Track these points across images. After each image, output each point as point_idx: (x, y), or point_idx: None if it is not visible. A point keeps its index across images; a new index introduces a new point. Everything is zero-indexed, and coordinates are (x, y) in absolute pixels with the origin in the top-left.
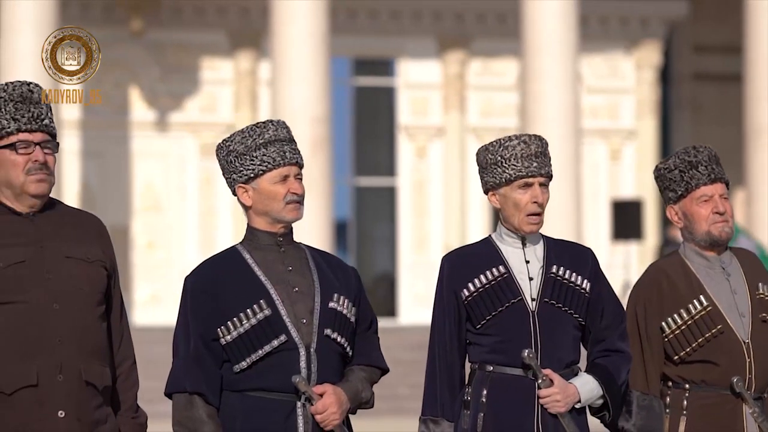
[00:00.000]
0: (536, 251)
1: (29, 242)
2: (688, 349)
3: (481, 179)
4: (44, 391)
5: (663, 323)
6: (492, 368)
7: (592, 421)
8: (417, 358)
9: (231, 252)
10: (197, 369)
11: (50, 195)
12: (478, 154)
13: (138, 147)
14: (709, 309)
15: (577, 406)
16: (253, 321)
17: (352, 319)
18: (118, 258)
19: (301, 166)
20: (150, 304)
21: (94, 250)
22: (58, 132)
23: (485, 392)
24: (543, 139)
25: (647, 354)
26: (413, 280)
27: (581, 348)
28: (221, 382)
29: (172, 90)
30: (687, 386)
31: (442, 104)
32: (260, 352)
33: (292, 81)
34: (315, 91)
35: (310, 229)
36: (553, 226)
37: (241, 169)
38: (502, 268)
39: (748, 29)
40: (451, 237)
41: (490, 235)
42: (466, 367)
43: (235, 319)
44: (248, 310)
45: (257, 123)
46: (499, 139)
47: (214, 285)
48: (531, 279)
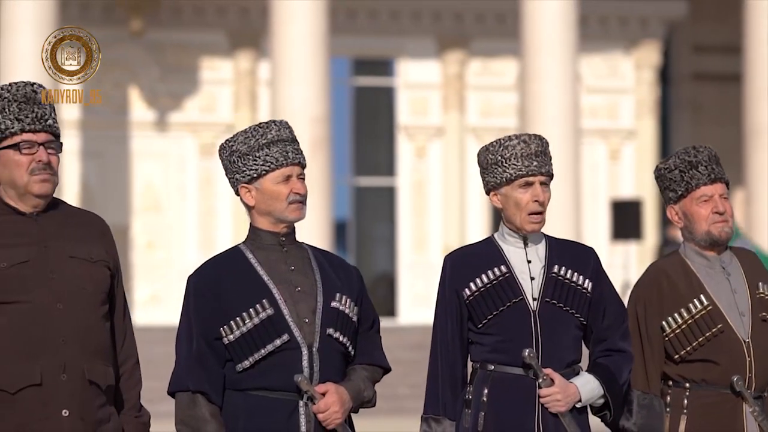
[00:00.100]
0: (538, 251)
1: (33, 242)
2: (689, 348)
3: (483, 179)
4: (48, 391)
5: (663, 322)
6: (493, 367)
7: (593, 421)
8: (417, 357)
9: (234, 252)
10: (200, 368)
11: (53, 195)
12: (478, 154)
13: (138, 147)
14: (709, 308)
15: (578, 405)
16: (256, 320)
17: (355, 319)
18: None
19: (303, 166)
20: (150, 304)
21: (98, 250)
22: None
23: (486, 391)
24: (543, 138)
25: (648, 353)
26: (413, 280)
27: (582, 347)
28: (224, 381)
29: (171, 90)
30: (687, 385)
31: (442, 104)
32: (263, 351)
33: (292, 81)
34: (314, 91)
35: (309, 229)
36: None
37: (244, 169)
38: (503, 267)
39: (748, 29)
40: (451, 237)
41: (492, 235)
42: (468, 366)
43: (237, 318)
44: (251, 309)
45: (260, 123)
46: (500, 139)
47: (216, 284)
48: (532, 279)
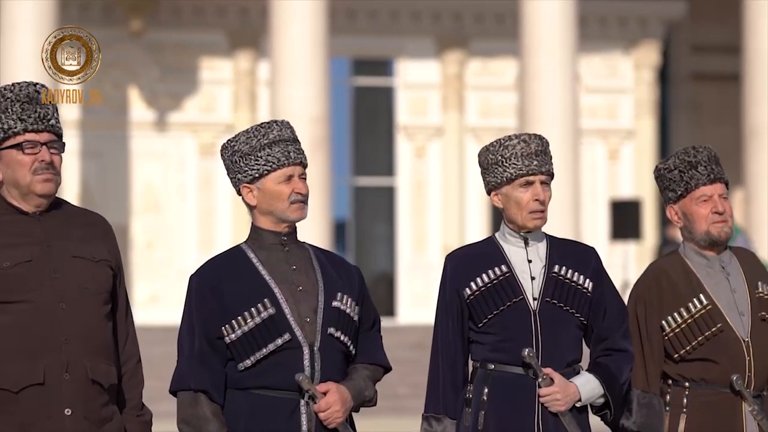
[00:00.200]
0: (539, 250)
1: (36, 242)
2: (688, 348)
3: (483, 179)
4: (50, 390)
5: (663, 322)
6: (493, 367)
7: (593, 420)
8: (416, 357)
9: (235, 251)
10: (202, 367)
11: (56, 195)
12: (479, 155)
13: (137, 147)
14: (708, 308)
15: (578, 404)
16: (258, 320)
17: (356, 318)
18: None
19: (305, 166)
20: (149, 303)
21: (100, 250)
22: None
23: (486, 390)
24: (543, 138)
25: (647, 352)
26: (412, 280)
27: (583, 347)
28: (226, 380)
29: (171, 90)
30: (687, 384)
31: (441, 104)
32: (264, 350)
33: (292, 81)
34: (314, 91)
35: (309, 228)
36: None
37: (246, 169)
38: (504, 267)
39: (747, 29)
40: (450, 237)
41: (493, 235)
42: (469, 366)
43: (239, 317)
44: (252, 308)
45: (262, 123)
46: (500, 139)
47: (218, 284)
48: (533, 278)
